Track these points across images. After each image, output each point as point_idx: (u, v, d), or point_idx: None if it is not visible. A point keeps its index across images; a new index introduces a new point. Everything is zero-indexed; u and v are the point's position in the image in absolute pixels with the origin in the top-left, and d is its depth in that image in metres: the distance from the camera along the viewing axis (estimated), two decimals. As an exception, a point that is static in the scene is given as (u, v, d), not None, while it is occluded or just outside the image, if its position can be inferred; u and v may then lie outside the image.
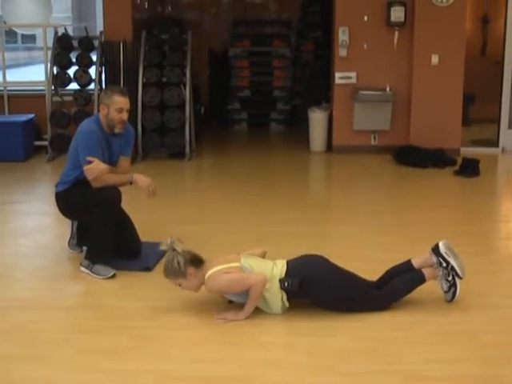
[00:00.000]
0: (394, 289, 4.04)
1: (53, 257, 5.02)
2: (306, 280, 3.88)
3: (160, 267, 4.75)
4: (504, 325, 3.89)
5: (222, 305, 4.05)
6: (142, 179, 4.66)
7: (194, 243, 5.26)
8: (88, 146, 4.57)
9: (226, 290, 3.93)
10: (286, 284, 3.88)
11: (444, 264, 4.04)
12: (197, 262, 3.94)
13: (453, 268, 4.02)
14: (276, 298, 3.91)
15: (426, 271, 4.08)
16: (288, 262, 4.00)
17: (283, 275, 3.91)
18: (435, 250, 4.08)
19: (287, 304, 3.94)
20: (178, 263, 3.88)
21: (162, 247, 3.97)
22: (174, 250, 3.92)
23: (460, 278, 4.04)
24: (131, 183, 4.67)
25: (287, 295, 3.91)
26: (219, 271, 3.88)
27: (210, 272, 3.89)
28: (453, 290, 4.05)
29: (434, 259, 4.07)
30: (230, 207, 6.36)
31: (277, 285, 3.89)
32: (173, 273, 3.92)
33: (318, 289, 3.91)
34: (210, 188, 7.39)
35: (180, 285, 3.97)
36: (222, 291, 3.96)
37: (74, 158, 4.64)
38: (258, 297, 3.87)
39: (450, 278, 4.04)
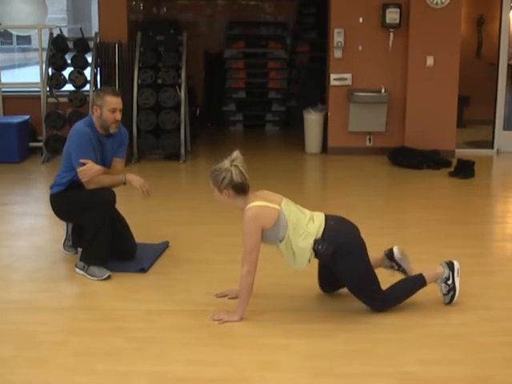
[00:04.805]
0: (395, 292, 4.05)
1: (48, 258, 5.01)
2: (340, 248, 3.84)
3: (154, 269, 4.76)
4: (499, 326, 3.89)
5: (218, 306, 4.05)
6: (135, 179, 4.66)
7: (189, 244, 5.30)
8: (80, 147, 4.56)
9: (244, 231, 3.83)
10: (319, 247, 3.82)
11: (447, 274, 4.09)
12: (239, 189, 3.86)
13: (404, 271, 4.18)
14: (305, 254, 3.85)
15: (427, 274, 4.09)
16: (326, 220, 3.91)
17: (319, 235, 3.85)
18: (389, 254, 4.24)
19: (311, 261, 3.92)
20: (223, 179, 3.82)
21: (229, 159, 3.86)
22: (232, 164, 3.85)
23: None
24: (125, 183, 4.68)
25: (315, 255, 3.89)
26: (259, 207, 3.82)
27: (250, 205, 3.82)
28: (451, 293, 4.06)
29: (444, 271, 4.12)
30: (225, 208, 6.34)
31: (311, 242, 3.84)
32: (214, 180, 3.87)
33: (347, 260, 3.88)
34: (205, 189, 7.34)
35: (213, 191, 3.92)
36: (244, 230, 3.83)
37: (68, 160, 4.64)
38: (249, 291, 3.84)
39: (450, 282, 4.05)
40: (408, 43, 8.59)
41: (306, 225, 3.88)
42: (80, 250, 4.78)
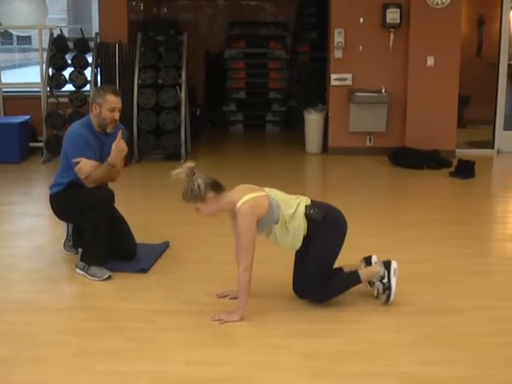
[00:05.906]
0: (332, 286, 4.06)
1: (48, 259, 5.01)
2: (328, 216, 3.97)
3: (155, 269, 4.77)
4: (498, 326, 3.89)
5: (218, 306, 4.06)
6: (114, 155, 4.53)
7: (189, 244, 5.30)
8: (76, 149, 4.56)
9: (240, 228, 3.84)
10: (311, 211, 3.94)
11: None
12: (217, 187, 3.89)
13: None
14: (300, 227, 3.93)
15: (363, 272, 4.14)
16: (312, 200, 4.06)
17: (309, 203, 4.00)
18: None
19: (305, 233, 3.97)
20: (199, 187, 3.83)
21: (178, 174, 3.84)
22: (194, 174, 3.87)
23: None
24: (114, 166, 4.58)
25: (307, 225, 3.94)
26: (251, 200, 3.85)
27: (242, 201, 3.84)
28: (387, 292, 4.09)
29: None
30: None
31: (303, 209, 3.95)
32: (192, 196, 3.86)
33: (329, 232, 3.98)
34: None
35: (198, 209, 3.92)
36: (240, 227, 3.84)
37: (65, 161, 4.65)
38: (247, 289, 3.84)
39: (386, 281, 4.08)
40: (408, 43, 8.59)
41: (294, 199, 4.03)
42: (80, 250, 4.78)
